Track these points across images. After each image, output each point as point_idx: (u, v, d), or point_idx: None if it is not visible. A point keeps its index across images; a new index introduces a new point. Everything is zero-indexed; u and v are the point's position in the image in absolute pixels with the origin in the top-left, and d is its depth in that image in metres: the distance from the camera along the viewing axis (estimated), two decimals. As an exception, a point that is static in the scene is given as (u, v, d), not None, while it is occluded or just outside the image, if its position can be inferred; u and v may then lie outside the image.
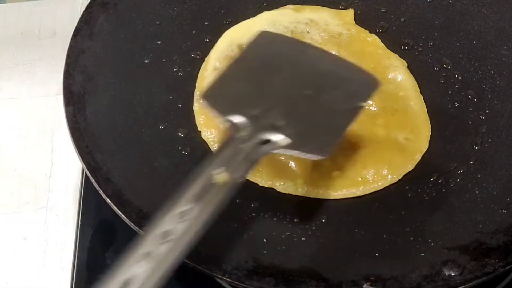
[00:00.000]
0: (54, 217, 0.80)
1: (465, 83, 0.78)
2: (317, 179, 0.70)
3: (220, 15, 0.84)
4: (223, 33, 0.82)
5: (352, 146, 0.73)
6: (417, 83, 0.78)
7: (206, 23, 0.83)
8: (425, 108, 0.76)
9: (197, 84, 0.78)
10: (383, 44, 0.81)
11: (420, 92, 0.77)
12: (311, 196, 0.70)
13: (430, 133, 0.74)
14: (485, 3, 0.82)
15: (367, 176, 0.70)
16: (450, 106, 0.77)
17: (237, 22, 0.83)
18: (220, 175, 0.57)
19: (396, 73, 0.78)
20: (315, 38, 0.81)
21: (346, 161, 0.72)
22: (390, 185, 0.71)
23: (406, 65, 0.79)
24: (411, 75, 0.78)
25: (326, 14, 0.84)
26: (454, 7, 0.83)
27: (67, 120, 0.70)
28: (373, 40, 0.81)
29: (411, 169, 0.72)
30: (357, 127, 0.73)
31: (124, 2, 0.80)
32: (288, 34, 0.81)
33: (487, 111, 0.75)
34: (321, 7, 0.85)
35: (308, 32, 0.82)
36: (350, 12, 0.84)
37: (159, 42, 0.80)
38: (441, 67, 0.79)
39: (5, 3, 1.02)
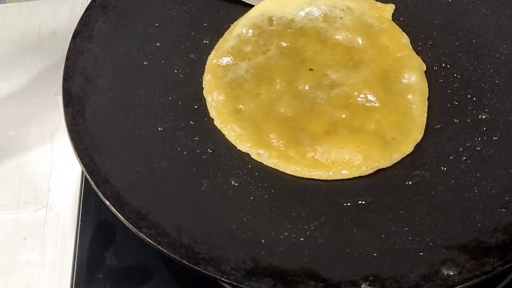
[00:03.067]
0: (54, 217, 0.80)
1: (464, 82, 0.78)
2: (293, 155, 0.72)
3: (219, 16, 0.84)
4: (223, 34, 0.82)
5: (336, 131, 0.74)
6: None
7: (205, 25, 0.83)
8: (426, 115, 0.75)
9: (216, 46, 0.81)
10: (411, 45, 0.81)
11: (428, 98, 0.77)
12: (280, 169, 0.72)
13: (419, 139, 0.74)
14: (484, 2, 0.82)
15: (338, 162, 0.72)
16: (449, 105, 0.76)
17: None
18: None
19: (410, 74, 0.78)
20: (345, 23, 0.82)
21: (325, 143, 0.73)
22: (360, 176, 0.71)
23: (425, 69, 0.79)
24: (425, 81, 0.78)
25: (366, 5, 0.84)
26: (453, 6, 0.83)
27: (66, 122, 0.70)
28: (402, 38, 0.81)
29: (384, 167, 0.72)
30: (351, 115, 0.75)
31: (123, 4, 0.81)
32: (321, 17, 0.83)
33: (486, 110, 0.75)
34: None
35: (341, 18, 0.82)
36: (390, 7, 0.84)
37: (158, 44, 0.80)
38: (440, 66, 0.79)
39: (5, 3, 1.02)
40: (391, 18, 0.83)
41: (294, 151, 0.73)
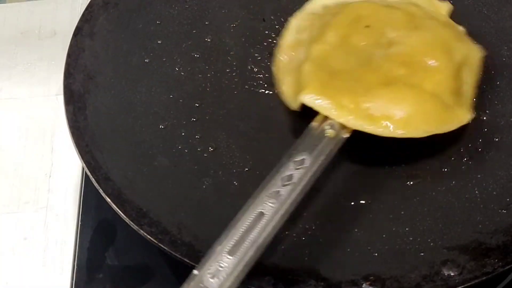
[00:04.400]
0: (54, 217, 0.80)
1: (465, 83, 0.78)
2: (346, 104, 0.68)
3: (221, 15, 0.84)
4: (225, 33, 0.82)
5: (394, 85, 0.70)
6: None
7: (206, 23, 0.83)
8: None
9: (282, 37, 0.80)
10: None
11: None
12: (331, 117, 0.68)
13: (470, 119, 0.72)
14: (486, 3, 0.82)
15: (394, 119, 0.68)
16: (450, 106, 0.76)
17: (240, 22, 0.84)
18: (330, 130, 0.66)
19: (474, 54, 0.75)
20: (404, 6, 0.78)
21: (382, 95, 0.69)
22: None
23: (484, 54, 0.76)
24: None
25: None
26: (455, 7, 0.83)
27: (67, 119, 0.70)
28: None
29: (440, 132, 0.69)
30: (409, 72, 0.71)
31: (125, 1, 0.81)
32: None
33: (487, 111, 0.75)
34: None
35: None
36: (447, 6, 0.81)
37: (159, 42, 0.80)
38: (441, 67, 0.79)
39: (5, 3, 1.02)
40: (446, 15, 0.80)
41: (348, 100, 0.68)
